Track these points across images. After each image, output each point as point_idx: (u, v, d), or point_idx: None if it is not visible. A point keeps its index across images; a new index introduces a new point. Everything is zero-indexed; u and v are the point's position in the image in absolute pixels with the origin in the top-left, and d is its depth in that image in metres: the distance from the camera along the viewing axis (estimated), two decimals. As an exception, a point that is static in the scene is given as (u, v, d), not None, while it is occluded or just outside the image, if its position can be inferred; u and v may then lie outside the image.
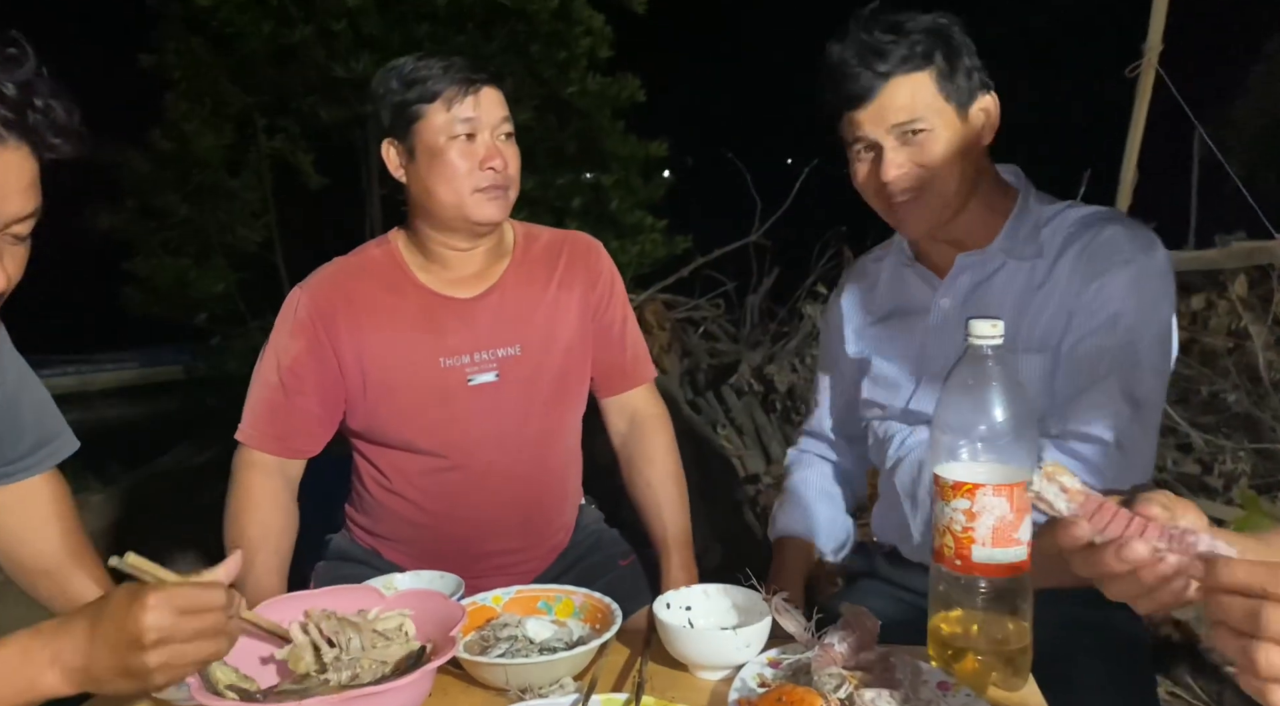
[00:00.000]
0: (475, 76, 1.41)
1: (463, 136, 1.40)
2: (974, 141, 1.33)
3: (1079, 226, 1.35)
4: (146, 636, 0.83)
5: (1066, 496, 0.74)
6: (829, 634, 1.00)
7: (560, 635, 1.12)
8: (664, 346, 4.48)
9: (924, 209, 1.34)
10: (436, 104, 1.39)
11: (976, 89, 1.33)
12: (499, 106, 1.44)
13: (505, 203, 1.45)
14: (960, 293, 1.40)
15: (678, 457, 1.63)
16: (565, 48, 6.11)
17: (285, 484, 1.47)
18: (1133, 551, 0.70)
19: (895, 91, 1.29)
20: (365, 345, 1.46)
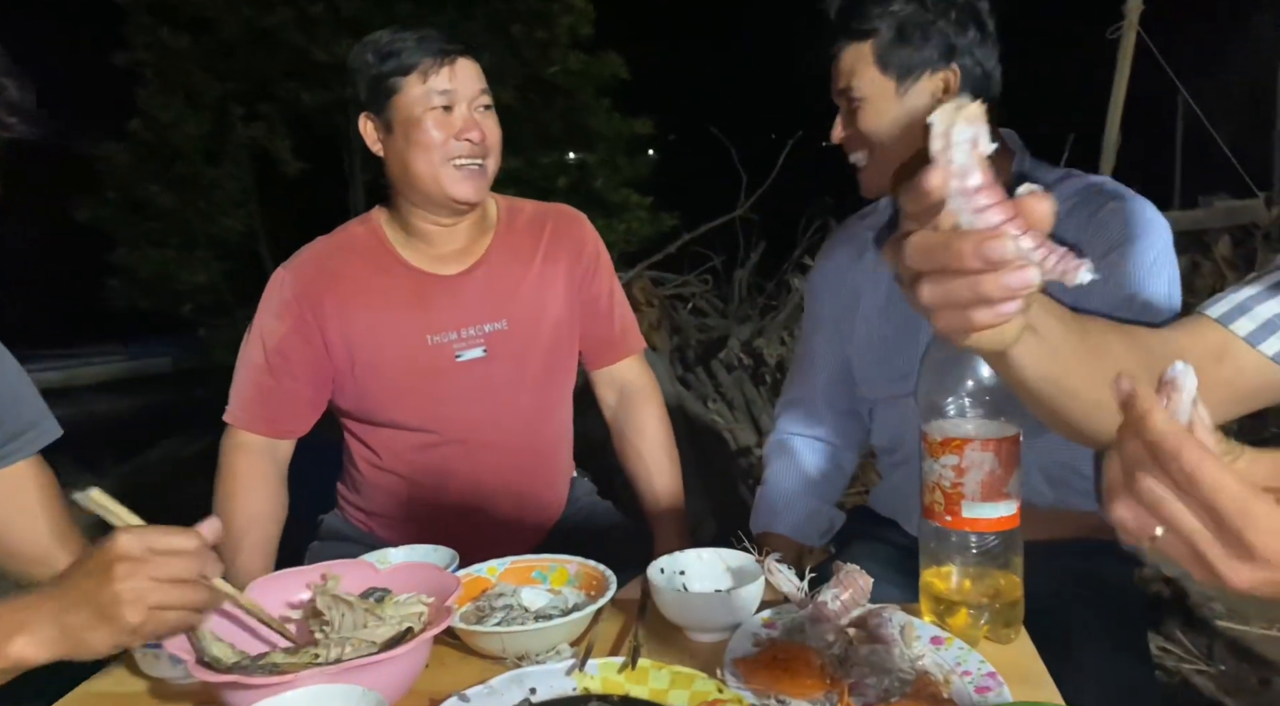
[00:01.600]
0: (450, 47, 1.39)
1: (439, 108, 1.39)
2: (920, 116, 1.31)
3: (1081, 197, 1.32)
4: (116, 567, 0.81)
5: (973, 152, 0.57)
6: (822, 592, 1.00)
7: (555, 602, 1.12)
8: (653, 323, 4.47)
9: (868, 172, 1.38)
10: (413, 76, 1.38)
11: (934, 61, 1.32)
12: (476, 78, 1.42)
13: (483, 179, 1.44)
14: None
15: (669, 428, 1.63)
16: (546, 26, 6.09)
17: (274, 466, 1.47)
18: (996, 248, 0.57)
19: (843, 58, 1.34)
20: (351, 324, 1.45)
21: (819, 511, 1.56)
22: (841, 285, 1.54)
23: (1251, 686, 2.19)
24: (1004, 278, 0.58)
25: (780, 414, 1.67)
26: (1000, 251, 0.57)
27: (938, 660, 0.93)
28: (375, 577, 1.06)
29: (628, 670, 0.92)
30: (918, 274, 0.61)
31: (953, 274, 0.59)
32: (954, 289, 0.60)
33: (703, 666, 0.98)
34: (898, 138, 1.33)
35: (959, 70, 1.34)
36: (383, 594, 1.02)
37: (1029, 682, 0.93)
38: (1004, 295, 0.59)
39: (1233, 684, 2.19)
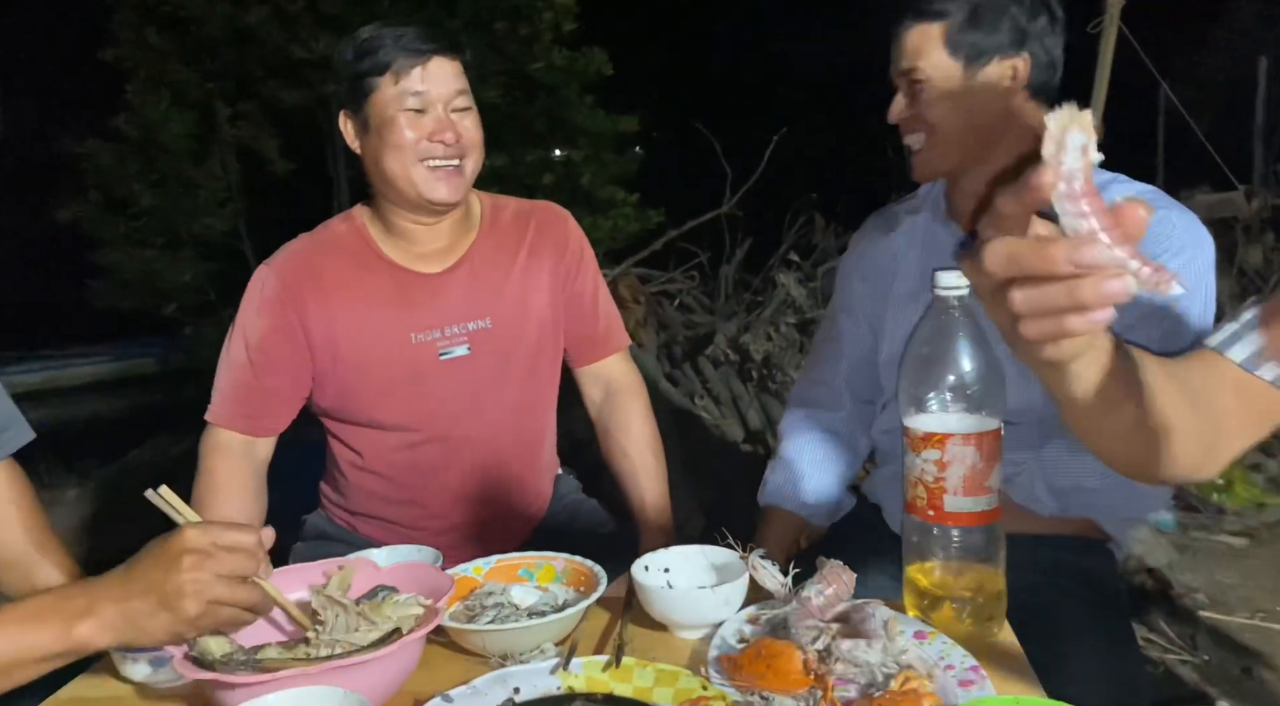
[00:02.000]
0: (425, 47, 1.37)
1: (412, 110, 1.38)
2: (984, 99, 1.31)
3: None
4: (185, 558, 0.85)
5: (1084, 157, 0.57)
6: (806, 588, 1.01)
7: (546, 599, 1.12)
8: (640, 320, 4.47)
9: (925, 155, 1.36)
10: (387, 76, 1.37)
11: (1005, 47, 1.30)
12: (452, 78, 1.40)
13: (460, 179, 1.42)
14: None
15: (654, 425, 1.63)
16: (529, 22, 6.07)
17: (253, 466, 1.47)
18: (1091, 253, 0.57)
19: (909, 37, 1.32)
20: (334, 322, 1.44)
21: (829, 492, 1.56)
22: (873, 270, 1.52)
23: (1234, 676, 2.21)
24: (1102, 284, 0.57)
25: (798, 392, 1.66)
26: (1098, 257, 0.57)
27: (921, 654, 0.93)
28: (378, 575, 1.06)
29: (612, 668, 0.92)
30: (1004, 281, 0.61)
31: (1046, 280, 0.59)
32: (1049, 294, 0.59)
33: (688, 663, 0.98)
34: (960, 122, 1.32)
35: (1029, 58, 1.32)
36: (389, 591, 1.02)
37: (1013, 676, 0.94)
38: (1100, 301, 0.58)
39: (1216, 673, 2.22)
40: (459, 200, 1.43)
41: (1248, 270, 3.73)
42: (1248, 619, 2.45)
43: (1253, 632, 2.40)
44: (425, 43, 1.38)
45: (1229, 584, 2.63)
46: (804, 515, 1.55)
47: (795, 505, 1.55)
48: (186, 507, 0.94)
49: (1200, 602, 2.53)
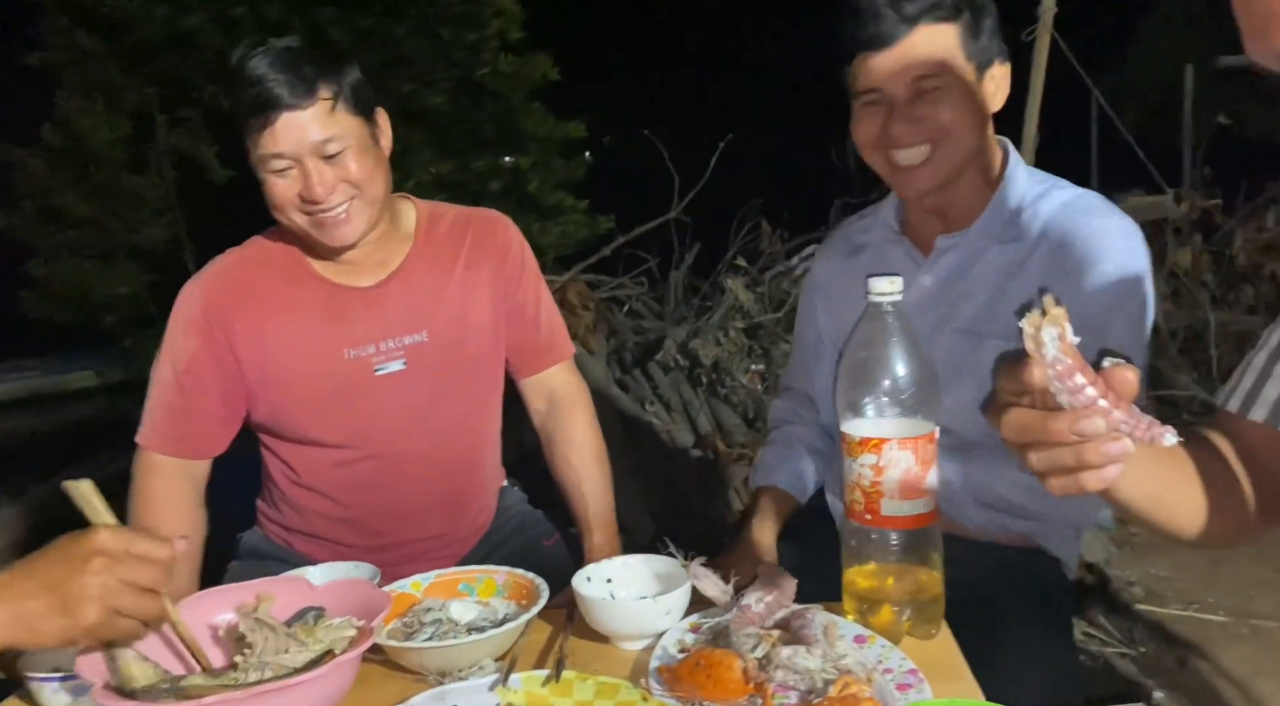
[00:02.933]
0: (271, 103, 1.26)
1: (276, 171, 1.31)
2: (986, 106, 1.27)
3: (1062, 213, 1.29)
4: (94, 560, 0.82)
5: (1060, 345, 0.67)
6: (747, 595, 1.01)
7: (486, 615, 1.11)
8: (589, 326, 4.46)
9: (930, 167, 1.27)
10: (248, 135, 1.30)
11: (996, 54, 1.27)
12: (311, 127, 1.28)
13: (356, 219, 1.35)
14: (943, 272, 1.36)
15: (599, 434, 1.62)
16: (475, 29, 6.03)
17: (190, 485, 1.43)
18: (1090, 424, 0.66)
19: (920, 40, 1.21)
20: (264, 340, 1.41)
21: (814, 470, 1.56)
22: (834, 291, 1.53)
23: (1169, 666, 2.27)
24: (1103, 447, 0.67)
25: (779, 398, 1.67)
26: (1094, 427, 0.66)
27: (860, 659, 0.94)
28: (311, 594, 1.04)
29: (552, 683, 0.91)
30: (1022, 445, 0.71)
31: (1055, 445, 0.68)
32: (1059, 457, 0.69)
33: (630, 675, 0.98)
34: (971, 132, 1.25)
35: (1009, 66, 1.29)
36: (318, 613, 1.00)
37: (950, 678, 0.95)
38: (1104, 461, 0.67)
39: (1152, 665, 2.27)
40: (360, 236, 1.37)
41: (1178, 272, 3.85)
42: (1182, 611, 2.52)
43: (1187, 624, 2.47)
44: (275, 91, 1.26)
45: (1164, 577, 2.70)
46: (793, 493, 1.54)
47: (791, 483, 1.54)
48: (104, 506, 0.89)
49: (1137, 596, 2.60)
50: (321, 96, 1.29)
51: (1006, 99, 1.31)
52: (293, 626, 0.96)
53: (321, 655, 0.91)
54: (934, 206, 1.35)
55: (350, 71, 1.34)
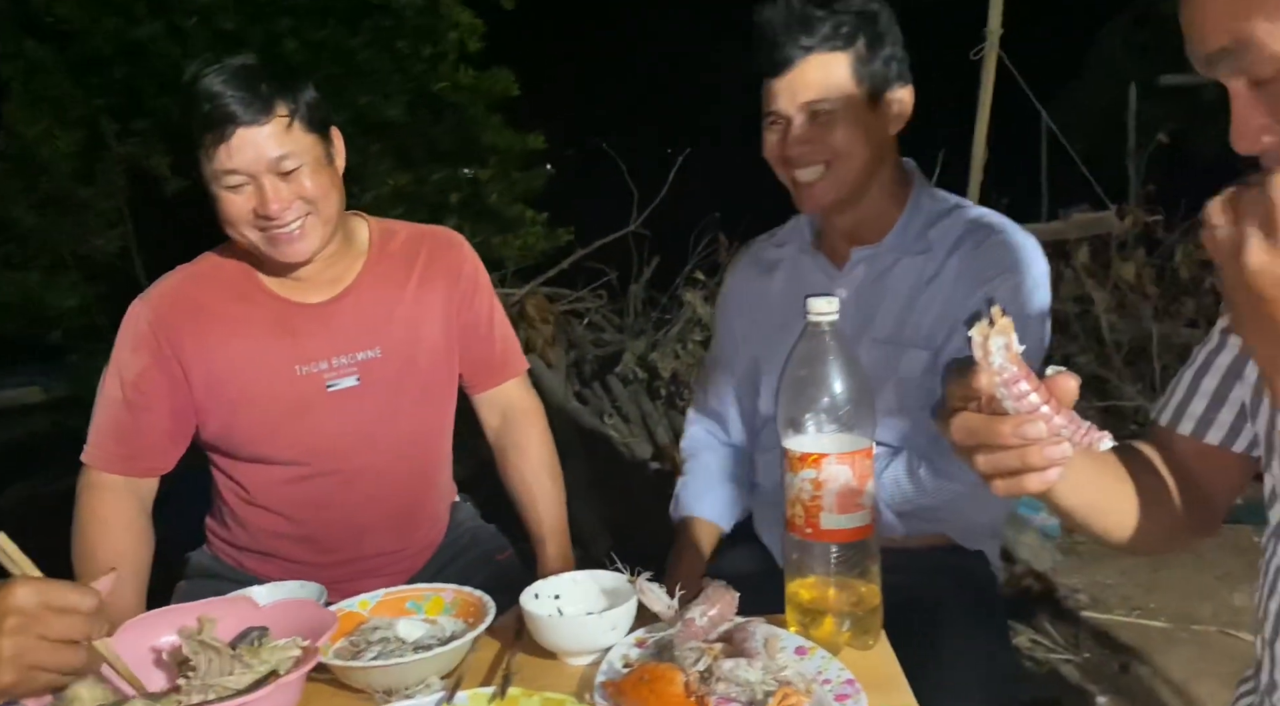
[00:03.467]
0: (228, 114, 1.27)
1: (231, 187, 1.31)
2: (881, 129, 1.36)
3: (968, 228, 1.38)
4: (7, 620, 0.78)
5: (1008, 355, 0.72)
6: (690, 609, 1.03)
7: (433, 632, 1.11)
8: (548, 339, 4.46)
9: (823, 185, 1.36)
10: (201, 150, 1.30)
11: (894, 79, 1.35)
12: (268, 143, 1.29)
13: (313, 234, 1.36)
14: (856, 284, 1.43)
15: (553, 449, 1.63)
16: (433, 42, 6.01)
17: (137, 503, 1.42)
18: (1032, 428, 0.71)
19: (812, 67, 1.31)
20: (215, 357, 1.41)
21: (735, 498, 1.60)
22: (748, 305, 1.57)
23: (1112, 672, 2.33)
24: (1045, 450, 0.72)
25: (693, 418, 1.70)
26: (1036, 431, 0.71)
27: (800, 670, 0.96)
28: (256, 614, 1.03)
29: (497, 700, 0.92)
30: (969, 447, 0.75)
31: (1000, 448, 0.73)
32: (1004, 460, 0.74)
33: (577, 690, 0.99)
34: (862, 153, 1.34)
35: (911, 90, 1.38)
36: (261, 633, 0.99)
37: (886, 687, 0.97)
38: (1046, 464, 0.73)
39: (1096, 670, 2.33)
40: (313, 252, 1.38)
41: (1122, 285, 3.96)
42: (1125, 616, 2.59)
43: (1130, 629, 2.53)
44: (231, 107, 1.27)
45: (1109, 583, 2.77)
46: (716, 521, 1.58)
47: (711, 511, 1.58)
48: (23, 558, 0.86)
49: (1082, 603, 2.66)
50: (278, 113, 1.30)
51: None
52: (237, 647, 0.96)
53: (266, 676, 0.91)
54: (843, 222, 1.43)
55: (306, 89, 1.36)
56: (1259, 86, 0.71)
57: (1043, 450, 0.72)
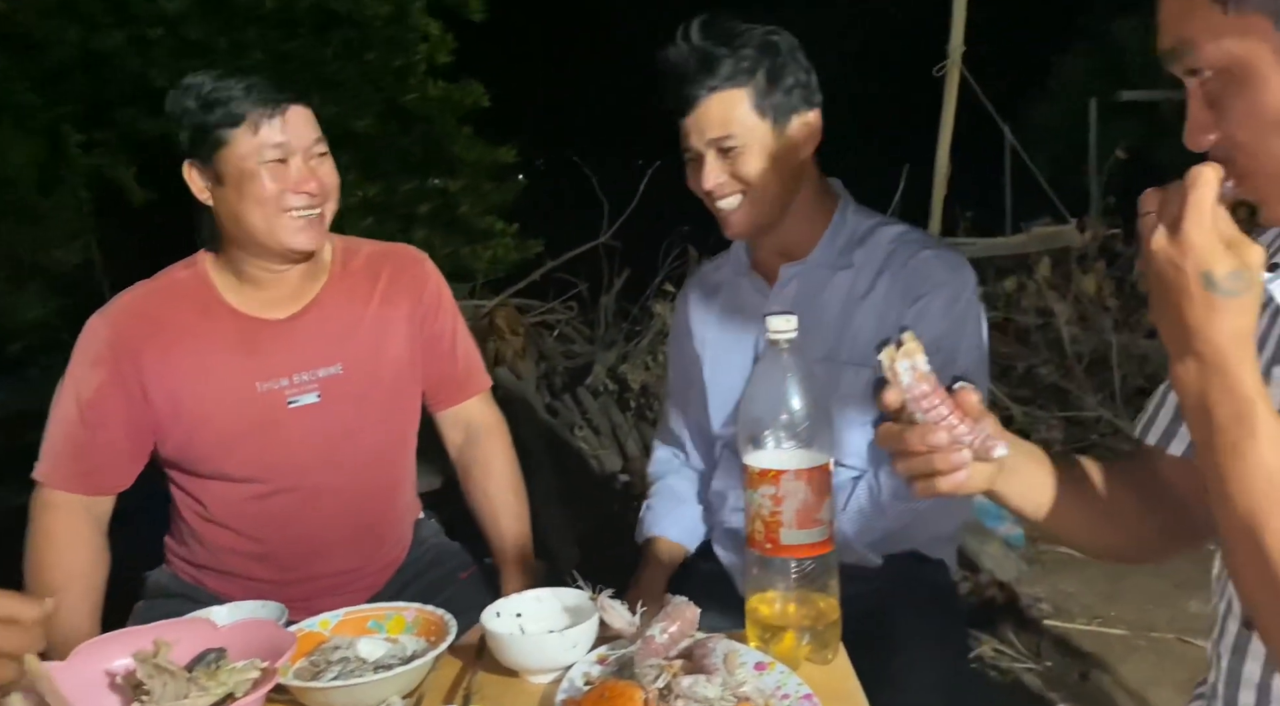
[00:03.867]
0: (281, 96, 1.35)
1: (273, 161, 1.35)
2: (791, 154, 1.39)
3: (895, 245, 1.43)
4: None
5: (915, 374, 0.82)
6: (651, 626, 1.03)
7: (394, 652, 1.11)
8: (519, 351, 4.45)
9: (742, 215, 1.41)
10: (242, 128, 1.33)
11: (799, 104, 1.38)
12: (309, 126, 1.39)
13: (321, 225, 1.41)
14: (788, 301, 1.46)
15: (516, 466, 1.63)
16: (403, 54, 6.01)
17: (92, 521, 1.40)
18: (935, 437, 0.83)
19: (714, 106, 1.35)
20: (175, 373, 1.40)
21: (699, 518, 1.62)
22: (694, 329, 1.60)
23: (1073, 680, 2.36)
24: (950, 456, 0.83)
25: (657, 443, 1.74)
26: (938, 439, 0.83)
27: (759, 685, 0.97)
28: (215, 635, 1.02)
29: (457, 718, 0.92)
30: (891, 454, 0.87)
31: (913, 454, 0.85)
32: (916, 465, 0.86)
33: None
34: (774, 180, 1.38)
35: (819, 113, 1.41)
36: (219, 655, 0.98)
37: (844, 701, 0.99)
38: (950, 468, 0.84)
39: (1057, 679, 2.36)
40: (320, 246, 1.42)
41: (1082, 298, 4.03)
42: (1086, 625, 2.63)
43: (1091, 638, 2.57)
44: (278, 92, 1.35)
45: (1070, 592, 2.81)
46: (682, 542, 1.59)
47: (677, 532, 1.59)
48: None
49: (1045, 612, 2.69)
50: (307, 103, 1.39)
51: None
52: (194, 670, 0.95)
53: (223, 699, 0.91)
54: (769, 242, 1.48)
55: None
56: (1206, 87, 0.77)
57: (948, 456, 0.83)
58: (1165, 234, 0.73)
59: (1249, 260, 0.72)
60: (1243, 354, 0.73)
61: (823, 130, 1.43)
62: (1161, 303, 0.75)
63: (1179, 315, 0.74)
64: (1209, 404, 0.74)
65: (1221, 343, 0.73)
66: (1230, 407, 0.73)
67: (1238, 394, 0.73)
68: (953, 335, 1.38)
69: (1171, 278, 0.73)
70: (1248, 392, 0.73)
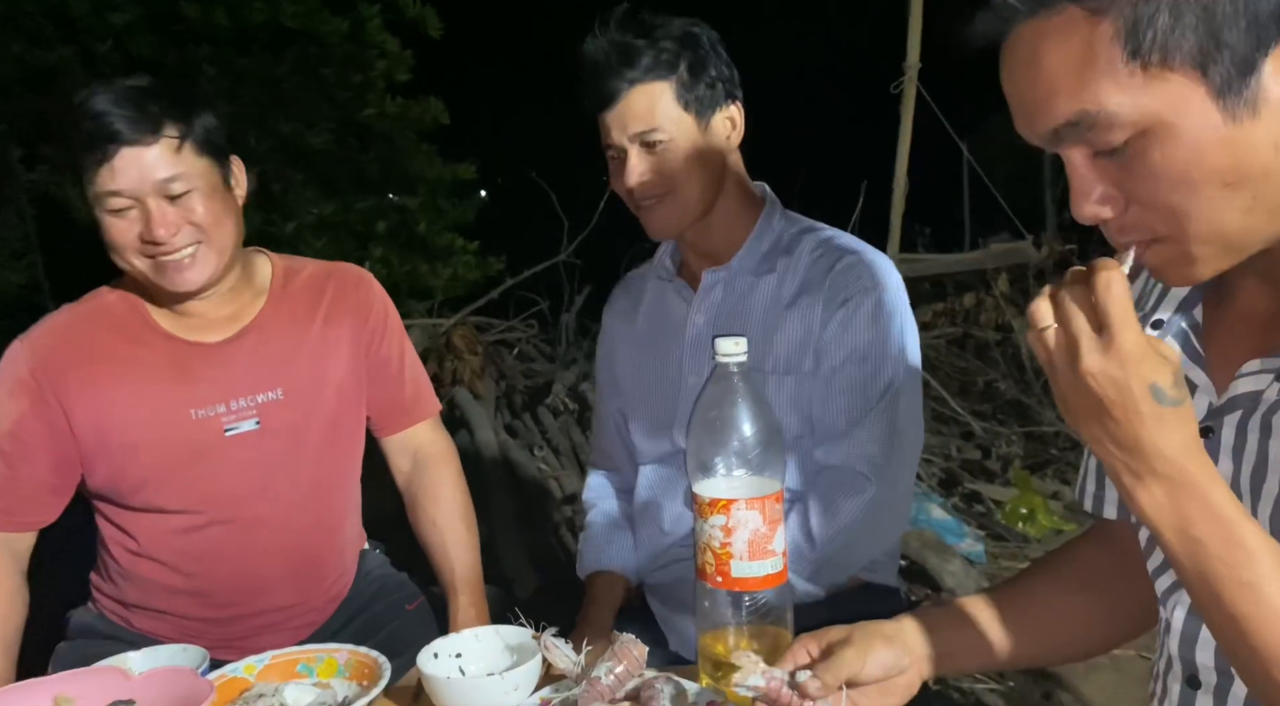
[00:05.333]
0: (112, 136, 1.22)
1: (112, 211, 1.26)
2: (715, 150, 1.36)
3: (821, 250, 1.40)
4: None
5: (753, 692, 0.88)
6: (596, 667, 0.98)
7: (324, 698, 1.05)
8: (476, 371, 4.39)
9: (666, 213, 1.37)
10: (85, 171, 1.24)
11: (721, 98, 1.36)
12: (155, 165, 1.24)
13: (205, 262, 1.30)
14: (713, 308, 1.43)
15: (466, 494, 1.57)
16: (360, 70, 5.94)
17: (11, 559, 1.32)
18: None
19: (636, 99, 1.31)
20: (102, 402, 1.32)
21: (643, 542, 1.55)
22: (620, 338, 1.58)
23: (1035, 700, 2.34)
24: None
25: (592, 462, 1.69)
26: None
27: (710, 727, 0.93)
28: (126, 686, 0.96)
29: (386, 772, 0.86)
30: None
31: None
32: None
33: (475, 755, 0.94)
34: (700, 176, 1.35)
35: (741, 107, 1.38)
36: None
37: (799, 740, 0.94)
38: None
39: (1020, 699, 2.34)
40: (204, 283, 1.32)
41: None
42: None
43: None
44: (114, 125, 1.21)
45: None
46: (625, 573, 1.54)
47: (616, 563, 1.54)
48: None
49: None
50: (167, 134, 1.26)
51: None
52: (102, 725, 0.88)
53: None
54: (694, 244, 1.44)
55: (203, 113, 1.31)
56: (1103, 155, 0.69)
57: None
58: (1098, 350, 0.66)
59: (1175, 359, 0.68)
60: (1206, 467, 0.68)
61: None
62: (1100, 425, 0.68)
63: (1130, 436, 0.67)
64: (1195, 534, 0.67)
65: (1182, 458, 0.67)
66: (1220, 534, 0.67)
67: (1223, 517, 0.67)
68: (879, 343, 1.35)
69: (1114, 397, 0.66)
70: (1231, 514, 0.67)
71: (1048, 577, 1.01)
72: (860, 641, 0.91)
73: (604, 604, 1.50)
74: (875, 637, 0.92)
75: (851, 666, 0.88)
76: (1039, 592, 1.00)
